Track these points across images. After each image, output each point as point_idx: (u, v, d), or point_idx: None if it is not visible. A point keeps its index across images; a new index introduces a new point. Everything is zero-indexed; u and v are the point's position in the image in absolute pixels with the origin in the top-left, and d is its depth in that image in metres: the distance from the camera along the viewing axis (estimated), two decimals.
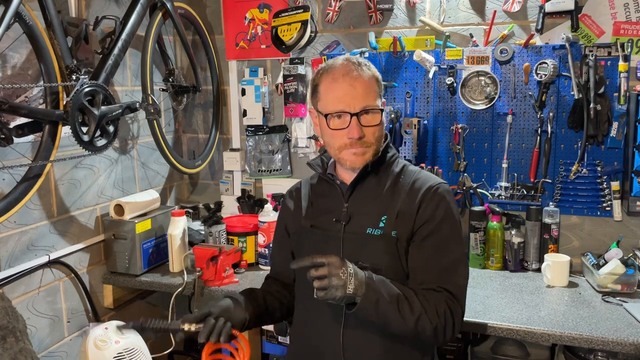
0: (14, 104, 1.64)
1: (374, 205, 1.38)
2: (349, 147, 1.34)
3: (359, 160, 1.36)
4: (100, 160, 2.21)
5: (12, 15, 1.55)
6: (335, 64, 1.37)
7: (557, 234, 2.20)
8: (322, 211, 1.45)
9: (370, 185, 1.41)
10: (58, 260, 2.01)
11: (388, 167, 1.42)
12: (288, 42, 2.44)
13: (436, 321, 1.27)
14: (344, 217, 1.39)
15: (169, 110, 2.60)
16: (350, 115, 1.31)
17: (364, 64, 1.37)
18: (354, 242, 1.36)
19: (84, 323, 2.14)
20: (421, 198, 1.35)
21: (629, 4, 2.05)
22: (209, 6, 2.69)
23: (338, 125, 1.33)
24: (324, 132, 1.39)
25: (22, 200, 1.72)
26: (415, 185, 1.38)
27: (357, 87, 1.32)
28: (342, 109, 1.32)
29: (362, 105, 1.32)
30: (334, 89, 1.34)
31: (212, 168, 2.80)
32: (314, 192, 1.51)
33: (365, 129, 1.33)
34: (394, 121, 2.35)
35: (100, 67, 1.93)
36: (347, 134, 1.32)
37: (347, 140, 1.33)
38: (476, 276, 2.19)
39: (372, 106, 1.33)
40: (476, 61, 2.23)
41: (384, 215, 1.35)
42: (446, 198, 1.37)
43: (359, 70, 1.34)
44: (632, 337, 1.62)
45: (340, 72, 1.34)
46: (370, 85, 1.34)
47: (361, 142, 1.33)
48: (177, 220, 2.25)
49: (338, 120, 1.33)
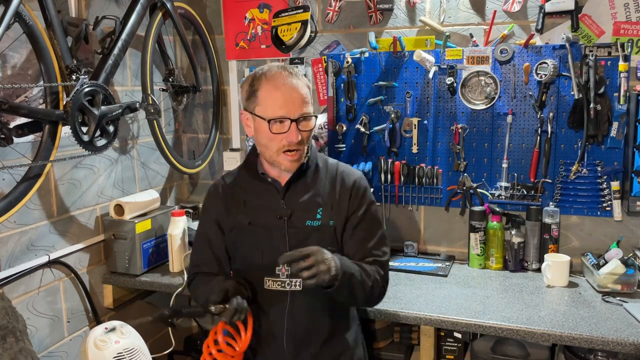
0: (14, 104, 1.64)
1: (308, 199, 1.53)
2: (287, 151, 1.46)
3: (294, 165, 1.50)
4: (100, 160, 2.21)
5: (12, 15, 1.55)
6: (273, 71, 1.47)
7: (557, 234, 2.20)
8: (259, 208, 1.55)
9: (302, 182, 1.55)
10: (58, 260, 2.01)
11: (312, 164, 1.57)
12: (288, 42, 2.44)
13: (380, 285, 1.52)
14: (284, 213, 1.52)
15: (169, 110, 2.60)
16: (291, 121, 1.43)
17: (300, 73, 1.50)
18: (297, 235, 1.51)
19: (84, 323, 2.14)
20: (350, 191, 1.55)
21: (629, 4, 2.05)
22: (209, 6, 2.69)
23: (279, 130, 1.44)
24: (261, 135, 1.48)
25: (22, 200, 1.72)
26: (342, 178, 1.57)
27: (296, 95, 1.44)
28: (283, 115, 1.43)
29: (300, 112, 1.44)
30: (275, 96, 1.43)
31: (212, 168, 2.80)
32: (242, 189, 1.60)
33: (302, 133, 1.45)
34: (394, 121, 2.35)
35: (100, 67, 1.93)
36: (286, 138, 1.44)
37: (286, 143, 1.45)
38: (476, 276, 2.19)
39: (308, 113, 1.46)
40: (476, 61, 2.23)
41: (320, 207, 1.52)
42: (368, 189, 1.61)
43: (296, 80, 1.46)
44: (632, 337, 1.62)
45: (281, 80, 1.44)
46: (306, 94, 1.46)
47: (297, 146, 1.46)
48: (177, 220, 2.25)
49: (279, 125, 1.44)
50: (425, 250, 2.45)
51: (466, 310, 1.85)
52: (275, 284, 1.53)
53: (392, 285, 2.08)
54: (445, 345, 2.07)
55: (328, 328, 1.57)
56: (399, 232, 2.48)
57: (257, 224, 1.54)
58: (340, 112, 2.46)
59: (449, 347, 2.08)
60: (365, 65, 2.40)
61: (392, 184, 2.41)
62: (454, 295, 1.98)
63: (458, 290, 2.04)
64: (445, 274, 2.19)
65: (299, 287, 1.51)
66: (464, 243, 2.37)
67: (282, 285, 1.53)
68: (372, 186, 2.42)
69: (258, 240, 1.54)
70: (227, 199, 1.60)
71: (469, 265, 2.30)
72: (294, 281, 1.51)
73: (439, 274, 2.20)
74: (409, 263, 2.31)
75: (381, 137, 2.41)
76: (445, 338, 2.06)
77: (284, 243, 1.51)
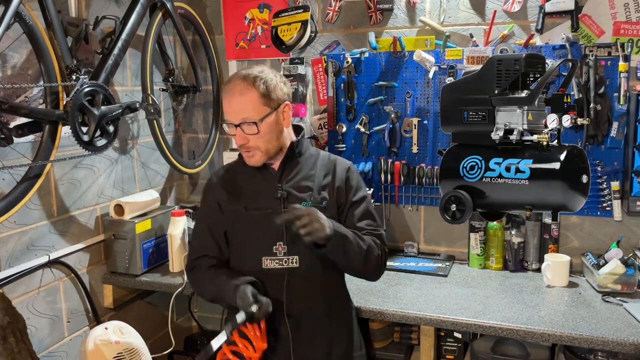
0: (14, 104, 1.64)
1: (302, 182, 1.65)
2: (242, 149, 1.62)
3: (252, 161, 1.63)
4: (100, 160, 2.21)
5: (12, 15, 1.55)
6: (230, 79, 1.62)
7: (557, 234, 2.21)
8: (255, 194, 1.66)
9: (295, 167, 1.67)
10: (58, 260, 2.01)
11: (305, 153, 1.70)
12: (288, 42, 2.44)
13: (376, 251, 1.62)
14: (281, 194, 1.62)
15: (169, 110, 2.60)
16: (235, 126, 1.58)
17: (250, 80, 1.57)
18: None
19: (84, 323, 2.14)
20: (345, 176, 1.69)
21: (629, 4, 2.05)
22: (209, 6, 2.69)
23: (231, 132, 1.61)
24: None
25: (22, 200, 1.71)
26: (334, 164, 1.70)
27: (234, 103, 1.57)
28: (228, 120, 1.59)
29: (240, 118, 1.57)
30: (225, 102, 1.60)
31: (212, 168, 2.80)
32: (238, 177, 1.71)
33: (248, 136, 1.58)
34: (394, 121, 2.35)
35: (100, 67, 1.93)
36: (236, 140, 1.61)
37: (238, 144, 1.61)
38: (476, 276, 2.19)
39: (247, 119, 1.56)
40: (476, 61, 2.23)
41: (312, 190, 1.64)
42: (359, 175, 1.76)
43: (240, 87, 1.56)
44: (632, 337, 1.62)
45: (227, 88, 1.59)
46: (247, 102, 1.56)
47: (246, 147, 1.60)
48: (177, 220, 2.25)
49: (228, 129, 1.62)
50: (425, 250, 2.45)
51: (466, 310, 1.85)
52: (273, 262, 1.61)
53: (392, 285, 2.08)
54: (445, 345, 2.08)
55: (324, 306, 1.66)
56: (399, 232, 2.48)
57: (253, 208, 1.64)
58: (340, 112, 2.46)
59: (449, 347, 2.08)
60: (365, 65, 2.40)
61: (392, 184, 2.41)
62: (454, 295, 1.98)
63: (458, 290, 2.04)
64: (445, 274, 2.19)
65: (296, 264, 1.61)
66: (464, 243, 2.37)
67: (280, 263, 1.61)
68: (373, 186, 2.43)
69: (255, 223, 1.63)
70: (227, 185, 1.71)
71: (469, 265, 2.31)
72: (291, 258, 1.61)
73: (439, 274, 2.20)
74: (409, 263, 2.31)
75: (381, 137, 2.41)
76: (445, 338, 2.07)
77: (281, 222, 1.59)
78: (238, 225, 1.66)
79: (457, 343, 2.07)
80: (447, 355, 2.08)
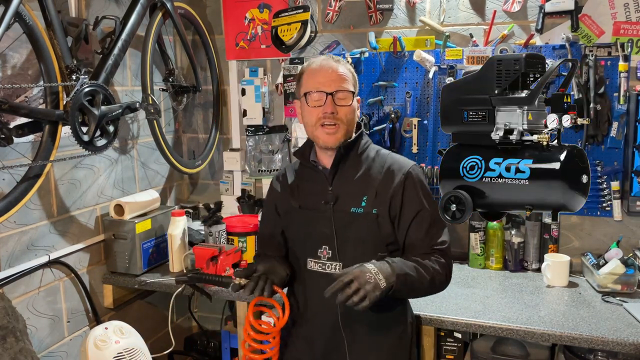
0: (14, 104, 1.64)
1: (355, 187, 1.58)
2: (324, 124, 1.54)
3: (331, 140, 1.55)
4: (100, 160, 2.21)
5: (12, 15, 1.55)
6: (319, 58, 1.63)
7: (557, 234, 2.21)
8: (308, 193, 1.64)
9: (349, 169, 1.60)
10: (58, 260, 2.01)
11: (362, 153, 1.62)
12: (288, 42, 2.44)
13: (441, 274, 1.53)
14: (331, 198, 1.58)
15: (169, 110, 2.60)
16: (326, 95, 1.53)
17: (343, 60, 1.61)
18: (341, 219, 1.57)
19: (84, 323, 2.14)
20: (403, 182, 1.57)
21: (629, 4, 2.05)
22: (209, 6, 2.69)
23: (315, 103, 1.54)
24: (304, 114, 1.59)
25: (22, 200, 1.71)
26: (391, 169, 1.59)
27: (333, 73, 1.55)
28: (319, 88, 1.54)
29: (336, 87, 1.54)
30: (314, 75, 1.56)
31: (212, 168, 2.80)
32: (298, 177, 1.70)
33: (338, 107, 1.53)
34: (394, 121, 2.35)
35: (100, 67, 1.93)
36: (322, 110, 1.53)
37: (322, 114, 1.53)
38: (476, 276, 2.19)
39: (344, 88, 1.55)
40: (476, 61, 2.23)
41: (365, 195, 1.56)
42: (421, 179, 1.63)
43: (337, 63, 1.58)
44: (632, 337, 1.62)
45: (321, 62, 1.58)
46: (345, 74, 1.57)
47: (334, 117, 1.53)
48: (177, 220, 2.25)
49: (315, 99, 1.54)
50: None
51: (466, 310, 1.85)
52: (316, 265, 1.60)
53: None
54: (445, 345, 2.07)
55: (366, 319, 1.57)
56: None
57: (306, 208, 1.63)
58: None
59: (449, 347, 2.07)
60: (365, 65, 2.40)
61: None
62: (454, 295, 1.98)
63: (458, 290, 2.04)
64: None
65: (338, 270, 1.55)
66: (464, 243, 2.37)
67: (323, 267, 1.59)
68: None
69: (305, 223, 1.62)
70: (285, 185, 1.71)
71: (469, 265, 2.30)
72: (334, 264, 1.57)
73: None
74: None
75: (381, 137, 2.41)
76: (445, 338, 2.06)
77: (329, 226, 1.57)
78: (291, 222, 1.67)
79: (457, 343, 2.07)
80: (447, 355, 2.07)
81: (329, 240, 1.57)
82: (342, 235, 1.56)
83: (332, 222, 1.57)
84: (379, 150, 1.66)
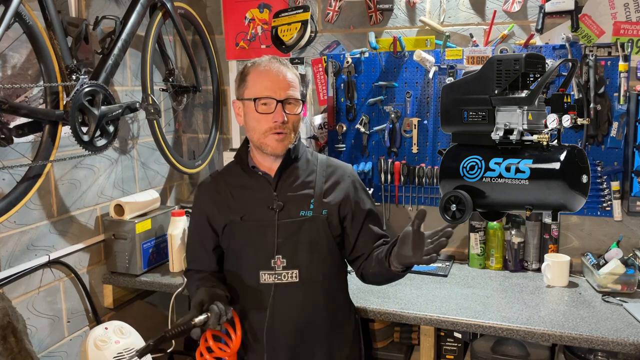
0: (14, 104, 1.64)
1: (300, 190, 1.57)
2: (273, 132, 1.50)
3: (280, 146, 1.53)
4: (100, 160, 2.21)
5: (12, 15, 1.55)
6: (264, 59, 1.56)
7: (557, 234, 2.20)
8: (249, 202, 1.57)
9: (292, 174, 1.59)
10: (58, 260, 2.01)
11: (301, 157, 1.62)
12: (288, 42, 2.44)
13: None
14: (277, 205, 1.54)
15: (169, 110, 2.60)
16: (277, 102, 1.49)
17: (289, 64, 1.58)
18: (289, 226, 1.53)
19: (84, 323, 2.14)
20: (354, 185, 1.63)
21: (629, 4, 2.05)
22: (209, 6, 2.69)
23: (265, 110, 1.50)
24: (249, 118, 1.54)
25: (22, 200, 1.71)
26: (334, 172, 1.63)
27: (282, 79, 1.51)
28: (269, 95, 1.49)
29: (286, 94, 1.50)
30: (262, 79, 1.51)
31: (212, 168, 2.80)
32: (231, 184, 1.62)
33: (288, 115, 1.51)
34: (394, 121, 2.35)
35: (100, 67, 1.93)
36: (272, 118, 1.49)
37: (272, 124, 1.50)
38: (476, 276, 2.19)
39: (294, 97, 1.52)
40: (476, 61, 2.23)
41: (312, 198, 1.56)
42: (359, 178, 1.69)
43: (285, 67, 1.54)
44: (632, 337, 1.62)
45: (269, 65, 1.53)
46: (293, 81, 1.53)
47: (283, 126, 1.50)
48: (177, 220, 2.25)
49: (265, 105, 1.50)
50: None
51: (466, 310, 1.85)
52: (271, 277, 1.54)
53: (392, 285, 2.08)
54: (445, 345, 2.07)
55: (327, 321, 1.59)
56: (399, 232, 2.46)
57: (249, 219, 1.56)
58: (340, 112, 2.46)
59: (449, 347, 2.08)
60: (365, 65, 2.40)
61: (392, 184, 2.41)
62: (454, 295, 1.98)
63: (458, 290, 2.04)
64: (445, 274, 2.19)
65: (295, 278, 1.53)
66: (464, 243, 2.37)
67: (279, 277, 1.54)
68: (372, 186, 2.43)
69: (251, 235, 1.56)
70: (217, 196, 1.63)
71: (469, 265, 2.30)
72: (291, 272, 1.53)
73: (439, 274, 2.20)
74: None
75: (381, 137, 2.41)
76: (445, 338, 2.07)
77: (280, 234, 1.53)
78: (233, 237, 1.58)
79: (457, 343, 2.07)
80: (447, 355, 2.08)
81: (280, 248, 1.52)
82: (293, 241, 1.52)
83: (282, 229, 1.53)
84: (314, 153, 1.68)
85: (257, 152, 1.59)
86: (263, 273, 1.54)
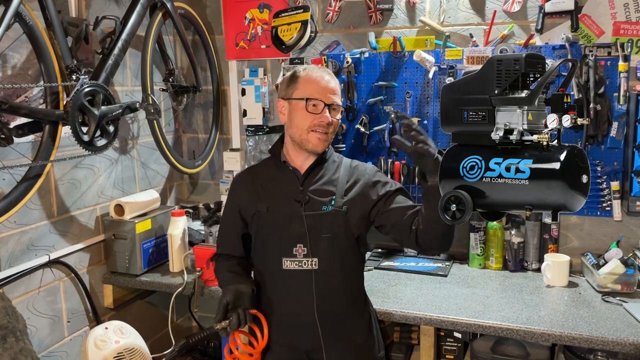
0: (14, 104, 1.64)
1: (324, 187, 1.68)
2: (317, 130, 1.63)
3: (321, 145, 1.65)
4: (100, 160, 2.21)
5: (12, 15, 1.55)
6: (314, 67, 1.71)
7: (557, 234, 2.21)
8: (276, 194, 1.69)
9: (319, 172, 1.71)
10: (58, 260, 2.01)
11: (330, 158, 1.74)
12: (288, 42, 2.44)
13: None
14: (302, 198, 1.66)
15: (169, 110, 2.61)
16: (324, 105, 1.63)
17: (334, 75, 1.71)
18: (313, 218, 1.65)
19: (84, 323, 2.14)
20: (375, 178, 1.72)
21: (629, 4, 2.05)
22: (209, 6, 2.69)
23: (313, 110, 1.62)
24: (295, 116, 1.65)
25: (22, 200, 1.72)
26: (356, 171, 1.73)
27: (330, 86, 1.66)
28: (319, 98, 1.63)
29: (332, 100, 1.65)
30: (313, 83, 1.64)
31: (212, 168, 2.80)
32: (262, 177, 1.75)
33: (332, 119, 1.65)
34: (394, 121, 2.35)
35: (100, 67, 1.93)
36: (319, 118, 1.62)
37: (317, 122, 1.62)
38: (476, 276, 2.19)
39: (339, 104, 1.67)
40: (476, 61, 2.23)
41: (333, 195, 1.67)
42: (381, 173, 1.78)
43: (332, 77, 1.69)
44: (632, 337, 1.62)
45: (320, 73, 1.67)
46: (337, 89, 1.68)
47: (328, 127, 1.64)
48: (177, 220, 2.26)
49: (314, 106, 1.63)
50: None
51: (466, 310, 1.85)
52: (293, 264, 1.64)
53: (392, 285, 2.09)
54: (445, 345, 2.07)
55: (343, 308, 1.68)
56: None
57: (275, 210, 1.67)
58: None
59: (449, 347, 2.08)
60: (365, 65, 2.40)
61: None
62: (453, 295, 1.98)
63: (458, 290, 2.04)
64: (445, 274, 2.19)
65: (315, 266, 1.64)
66: (464, 243, 2.37)
67: (300, 264, 1.64)
68: None
69: (276, 225, 1.67)
70: (249, 186, 1.75)
71: (469, 265, 2.31)
72: (311, 260, 1.63)
73: (439, 274, 2.20)
74: (409, 263, 2.32)
75: (381, 137, 2.41)
76: (445, 338, 2.07)
77: (301, 225, 1.63)
78: (259, 226, 1.70)
79: (457, 343, 2.07)
80: (447, 355, 2.08)
81: (302, 238, 1.63)
82: (315, 232, 1.63)
83: (305, 220, 1.64)
84: (340, 156, 1.80)
85: (293, 148, 1.70)
86: (285, 260, 1.65)
